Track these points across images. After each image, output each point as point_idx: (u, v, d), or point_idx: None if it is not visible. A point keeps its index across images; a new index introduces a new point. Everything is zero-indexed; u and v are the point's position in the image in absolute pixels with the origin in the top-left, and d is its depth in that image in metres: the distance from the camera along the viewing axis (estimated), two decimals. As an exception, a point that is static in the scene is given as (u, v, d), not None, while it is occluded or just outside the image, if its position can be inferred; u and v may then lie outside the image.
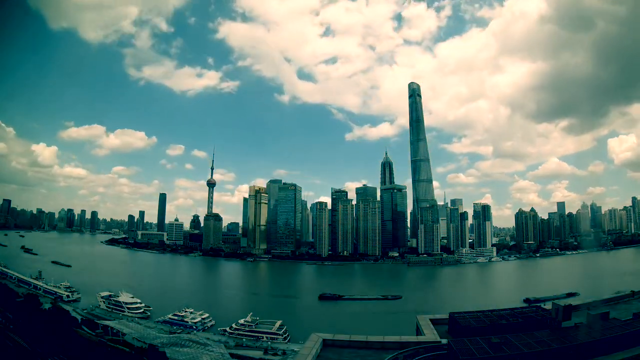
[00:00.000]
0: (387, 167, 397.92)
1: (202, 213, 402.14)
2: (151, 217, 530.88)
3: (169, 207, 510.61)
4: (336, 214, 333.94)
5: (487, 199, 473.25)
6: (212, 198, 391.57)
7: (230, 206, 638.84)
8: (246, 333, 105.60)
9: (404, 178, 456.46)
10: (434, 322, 31.79)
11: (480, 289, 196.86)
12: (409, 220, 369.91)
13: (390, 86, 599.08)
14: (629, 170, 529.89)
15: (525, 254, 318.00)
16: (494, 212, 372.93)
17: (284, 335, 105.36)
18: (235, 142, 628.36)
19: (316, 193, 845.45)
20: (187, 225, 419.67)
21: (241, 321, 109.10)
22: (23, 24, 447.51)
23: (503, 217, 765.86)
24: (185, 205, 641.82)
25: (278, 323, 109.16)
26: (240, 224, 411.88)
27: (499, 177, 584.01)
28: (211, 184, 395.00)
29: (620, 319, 27.43)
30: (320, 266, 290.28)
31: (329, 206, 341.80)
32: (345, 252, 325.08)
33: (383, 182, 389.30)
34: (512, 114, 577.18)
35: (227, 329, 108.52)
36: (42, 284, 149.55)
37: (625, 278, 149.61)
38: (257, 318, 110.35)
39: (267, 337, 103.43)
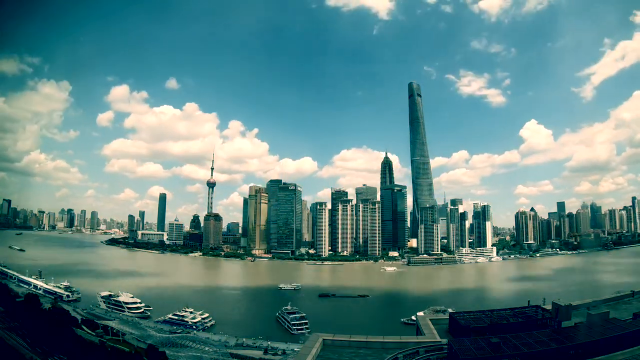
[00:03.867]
0: (387, 167, 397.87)
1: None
2: (151, 218, 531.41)
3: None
4: (336, 214, 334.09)
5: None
6: (211, 198, 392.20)
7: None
8: None
9: (404, 178, 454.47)
10: (434, 322, 31.83)
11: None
12: (409, 220, 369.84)
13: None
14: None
15: (525, 253, 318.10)
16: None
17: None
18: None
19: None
20: (187, 226, 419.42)
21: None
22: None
23: (503, 218, 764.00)
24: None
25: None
26: (240, 224, 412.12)
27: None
28: (211, 184, 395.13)
29: (620, 319, 27.43)
30: (330, 266, 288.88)
31: (329, 206, 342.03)
32: (345, 252, 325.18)
33: (383, 182, 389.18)
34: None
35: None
36: (42, 284, 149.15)
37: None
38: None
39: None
